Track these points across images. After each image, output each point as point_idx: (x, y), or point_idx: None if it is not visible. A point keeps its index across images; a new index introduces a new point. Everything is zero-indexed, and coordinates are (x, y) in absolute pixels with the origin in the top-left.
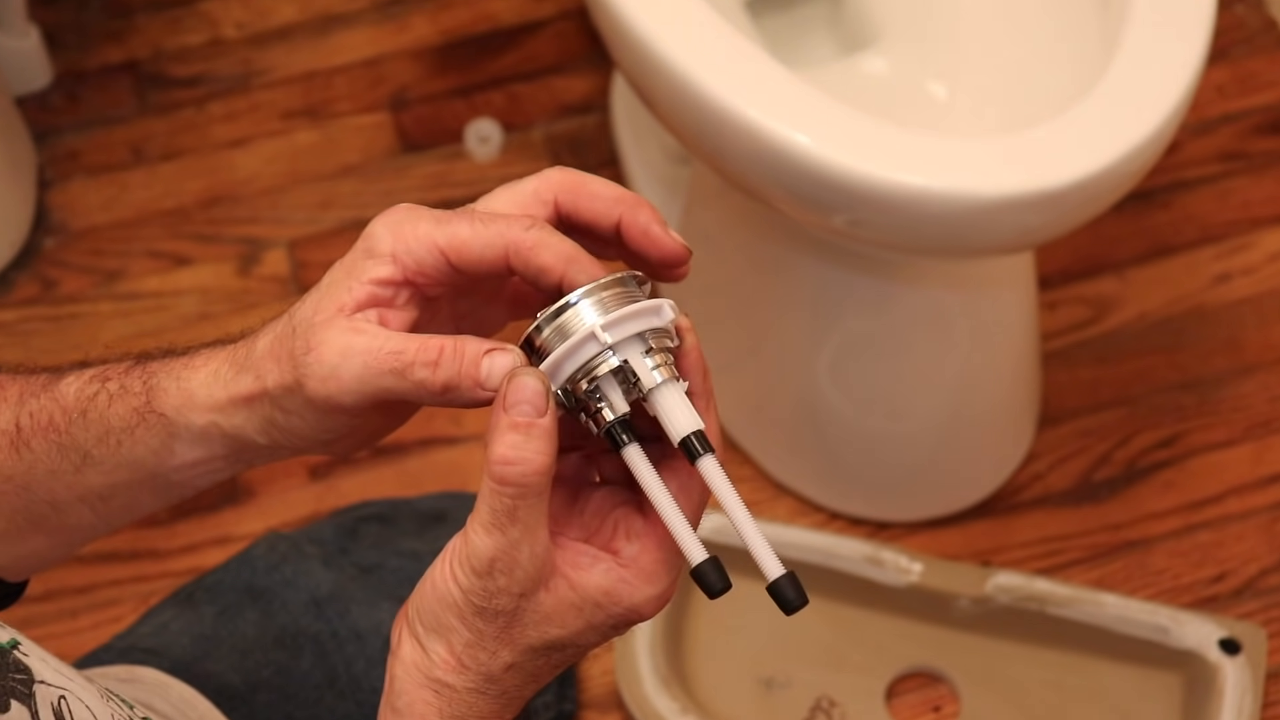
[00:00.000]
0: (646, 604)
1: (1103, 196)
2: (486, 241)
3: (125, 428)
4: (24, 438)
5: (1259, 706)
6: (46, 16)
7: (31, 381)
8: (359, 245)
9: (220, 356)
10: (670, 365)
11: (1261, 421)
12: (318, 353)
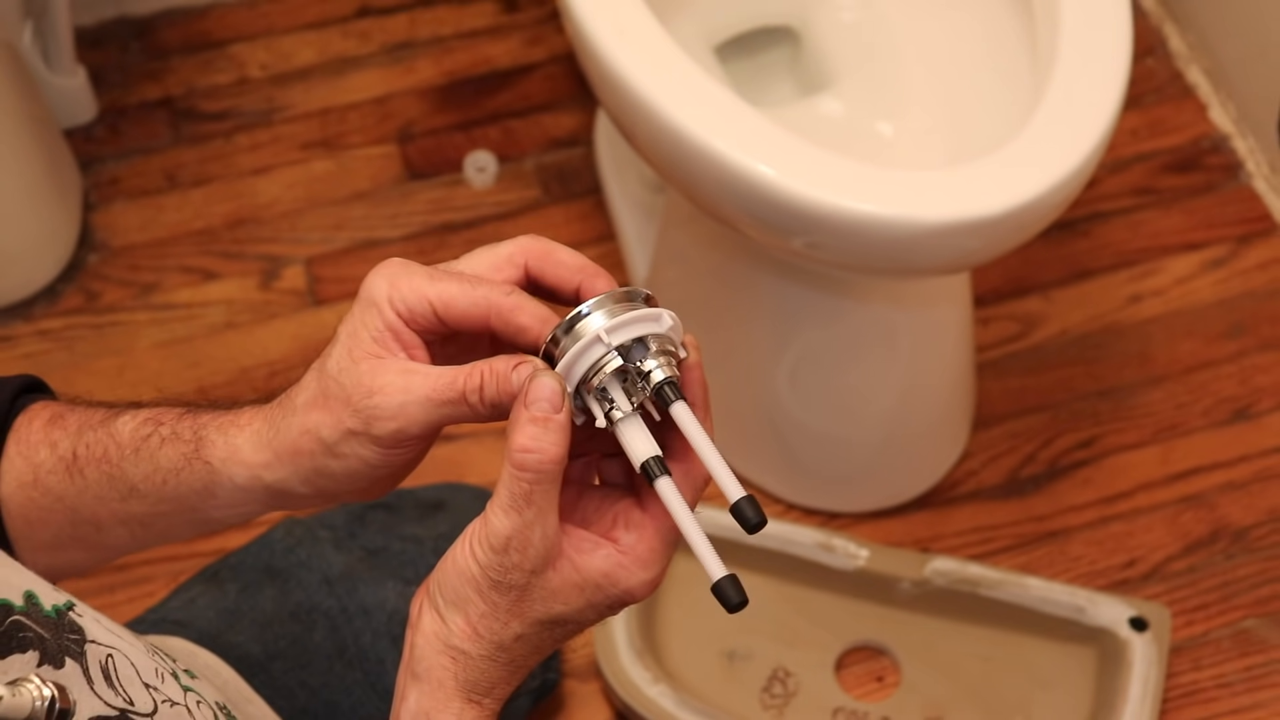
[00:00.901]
0: (640, 587)
1: (1031, 224)
2: (472, 301)
3: (173, 469)
4: (79, 465)
5: (1163, 677)
6: (92, 58)
7: (91, 415)
8: (361, 297)
9: (262, 416)
10: (672, 365)
11: (1168, 426)
12: (383, 394)
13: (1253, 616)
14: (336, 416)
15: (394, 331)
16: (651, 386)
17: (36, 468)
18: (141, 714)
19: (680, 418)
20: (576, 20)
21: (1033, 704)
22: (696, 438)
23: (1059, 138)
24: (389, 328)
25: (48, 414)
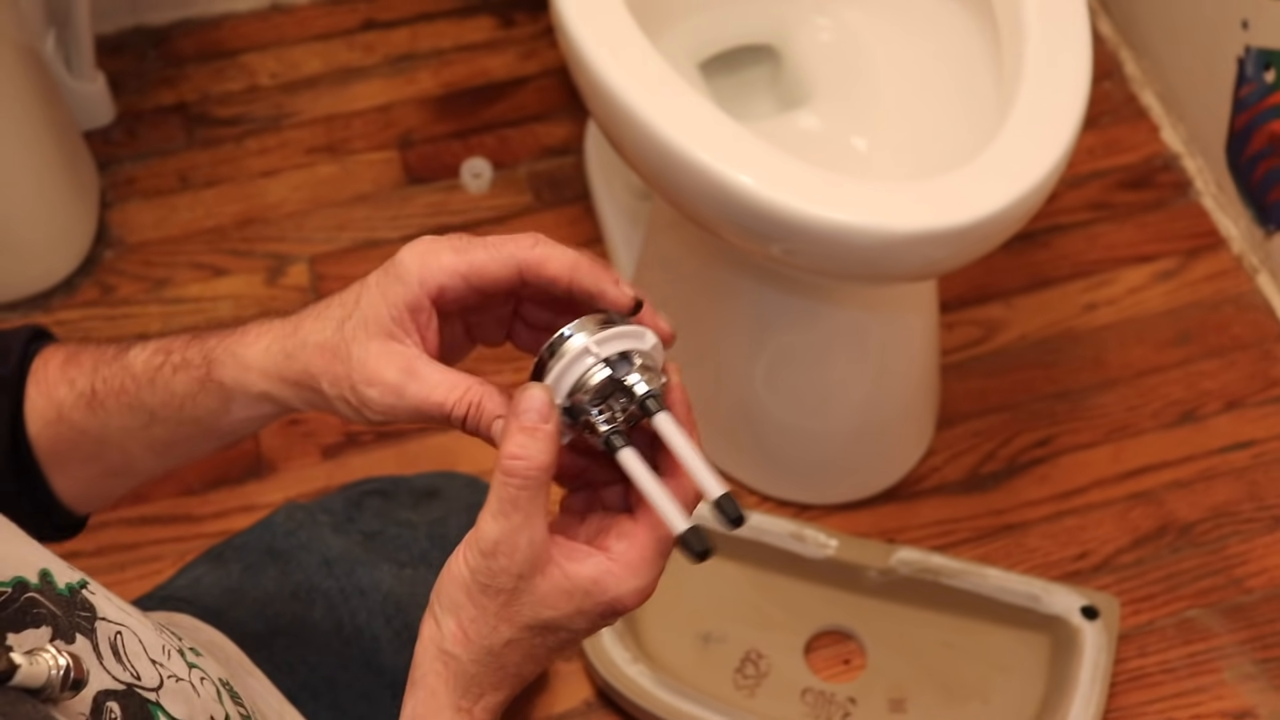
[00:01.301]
0: (629, 595)
1: (996, 235)
2: (501, 262)
3: (187, 394)
4: (99, 399)
5: (1112, 662)
6: (111, 64)
7: (103, 352)
8: (390, 270)
9: (271, 334)
10: (655, 380)
11: (1120, 426)
12: (378, 390)
13: (1196, 607)
14: (335, 379)
15: (413, 310)
16: (636, 399)
17: (59, 405)
18: (147, 688)
19: (662, 427)
20: (570, 36)
21: (990, 687)
22: (678, 443)
23: (1022, 154)
24: (409, 305)
25: (62, 355)
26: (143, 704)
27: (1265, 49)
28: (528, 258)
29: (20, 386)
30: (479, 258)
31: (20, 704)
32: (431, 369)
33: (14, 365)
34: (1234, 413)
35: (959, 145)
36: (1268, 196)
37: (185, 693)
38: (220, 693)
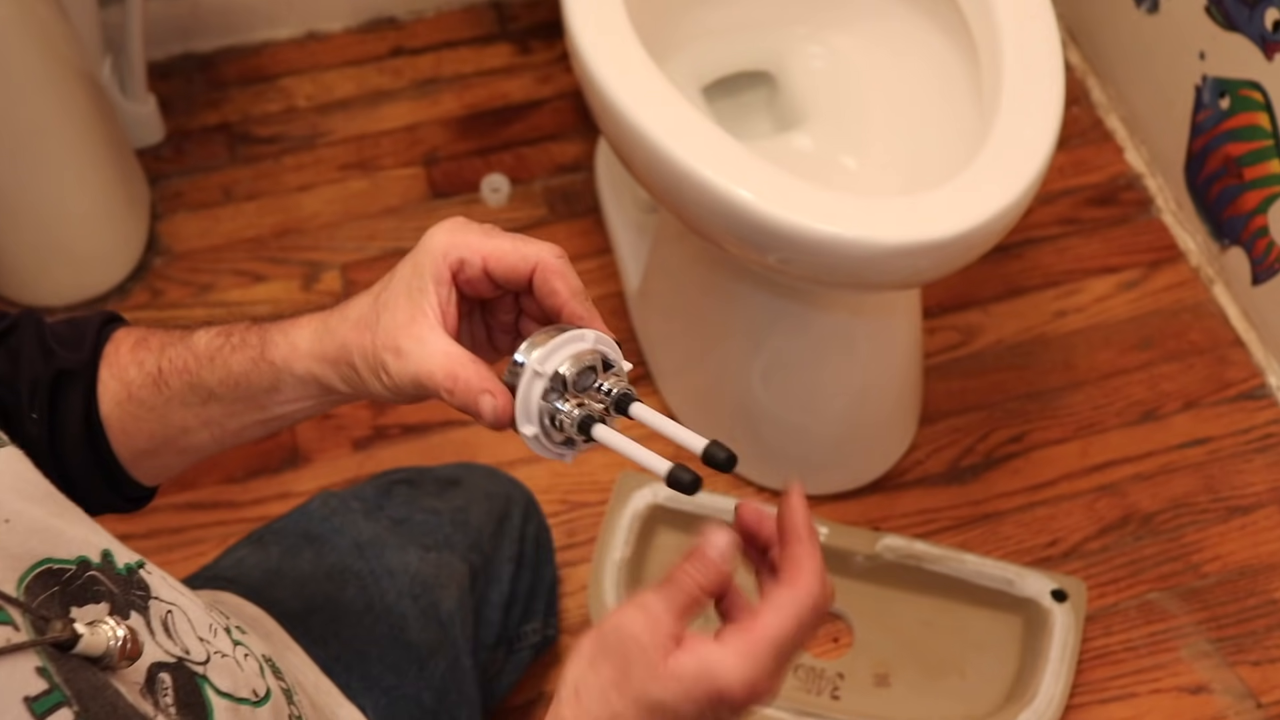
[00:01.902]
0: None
1: (975, 248)
2: (520, 257)
3: (243, 372)
4: (164, 378)
5: (1079, 641)
6: (162, 88)
7: (170, 334)
8: (422, 243)
9: (318, 318)
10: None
11: (1087, 424)
12: (396, 358)
13: (1156, 590)
14: (364, 351)
15: (436, 282)
16: (612, 400)
17: (128, 385)
18: (196, 662)
19: (639, 414)
20: (584, 61)
21: (967, 663)
22: (655, 420)
23: (1000, 173)
24: (434, 276)
25: (132, 339)
26: (191, 676)
27: (1221, 78)
28: (547, 263)
29: (94, 370)
30: (502, 245)
31: (82, 670)
32: (437, 339)
33: (88, 350)
34: (1191, 412)
35: (942, 165)
36: (1222, 214)
37: (230, 667)
38: (263, 668)
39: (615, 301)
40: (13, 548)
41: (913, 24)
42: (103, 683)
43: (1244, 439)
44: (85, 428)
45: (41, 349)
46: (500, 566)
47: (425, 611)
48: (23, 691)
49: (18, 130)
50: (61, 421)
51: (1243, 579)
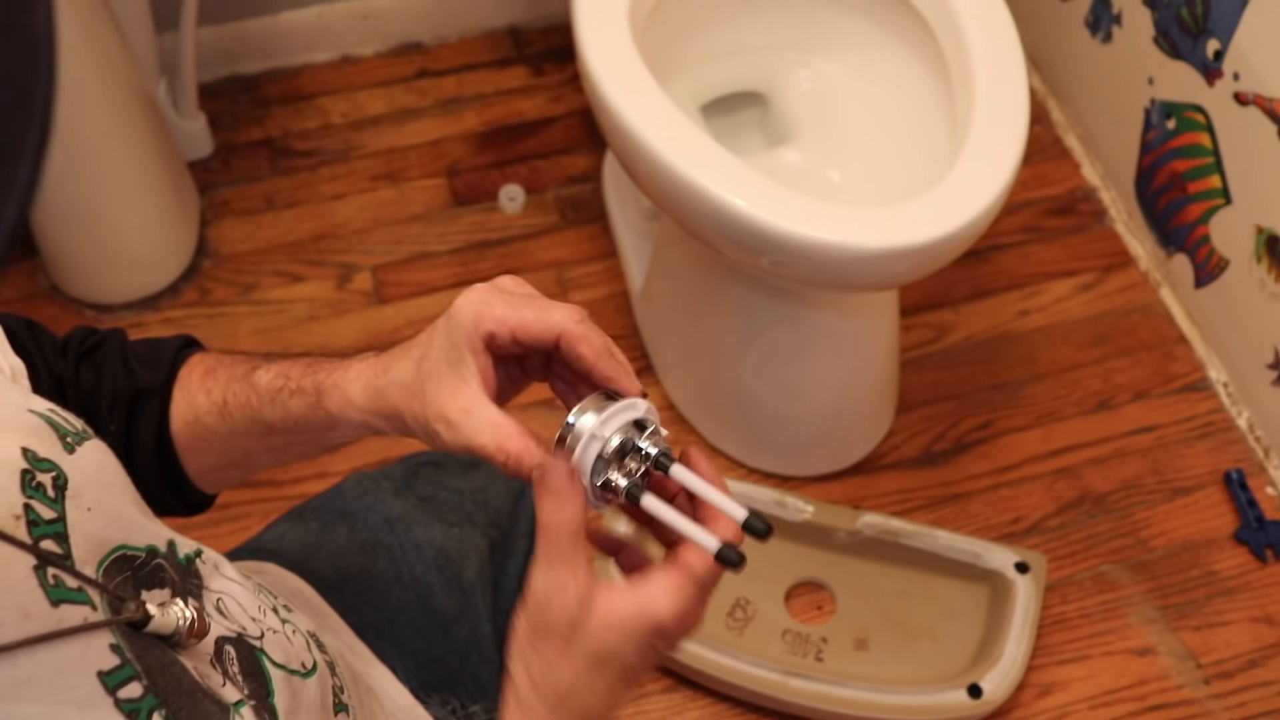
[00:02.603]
0: (671, 618)
1: (949, 253)
2: (545, 327)
3: (300, 415)
4: (228, 409)
5: (1039, 609)
6: (211, 106)
7: (236, 367)
8: (451, 316)
9: (369, 373)
10: (660, 440)
11: (1047, 413)
12: (444, 426)
13: (1108, 563)
14: (415, 415)
15: (472, 352)
16: (651, 459)
17: (196, 410)
18: (253, 637)
19: (678, 475)
20: (594, 82)
21: (939, 629)
22: (695, 483)
23: (971, 187)
24: (469, 347)
25: (203, 368)
26: (250, 649)
27: (1167, 101)
28: (569, 330)
29: (169, 391)
30: (527, 317)
31: (152, 648)
32: (485, 411)
33: (164, 374)
34: (1141, 402)
35: (918, 178)
36: (1169, 224)
37: (281, 642)
38: (309, 643)
39: (620, 301)
40: (95, 533)
41: (892, 52)
42: (170, 659)
43: (1187, 427)
44: (157, 442)
45: (124, 366)
46: (516, 541)
47: (449, 581)
48: (97, 666)
49: (84, 145)
50: (136, 434)
51: (1185, 553)
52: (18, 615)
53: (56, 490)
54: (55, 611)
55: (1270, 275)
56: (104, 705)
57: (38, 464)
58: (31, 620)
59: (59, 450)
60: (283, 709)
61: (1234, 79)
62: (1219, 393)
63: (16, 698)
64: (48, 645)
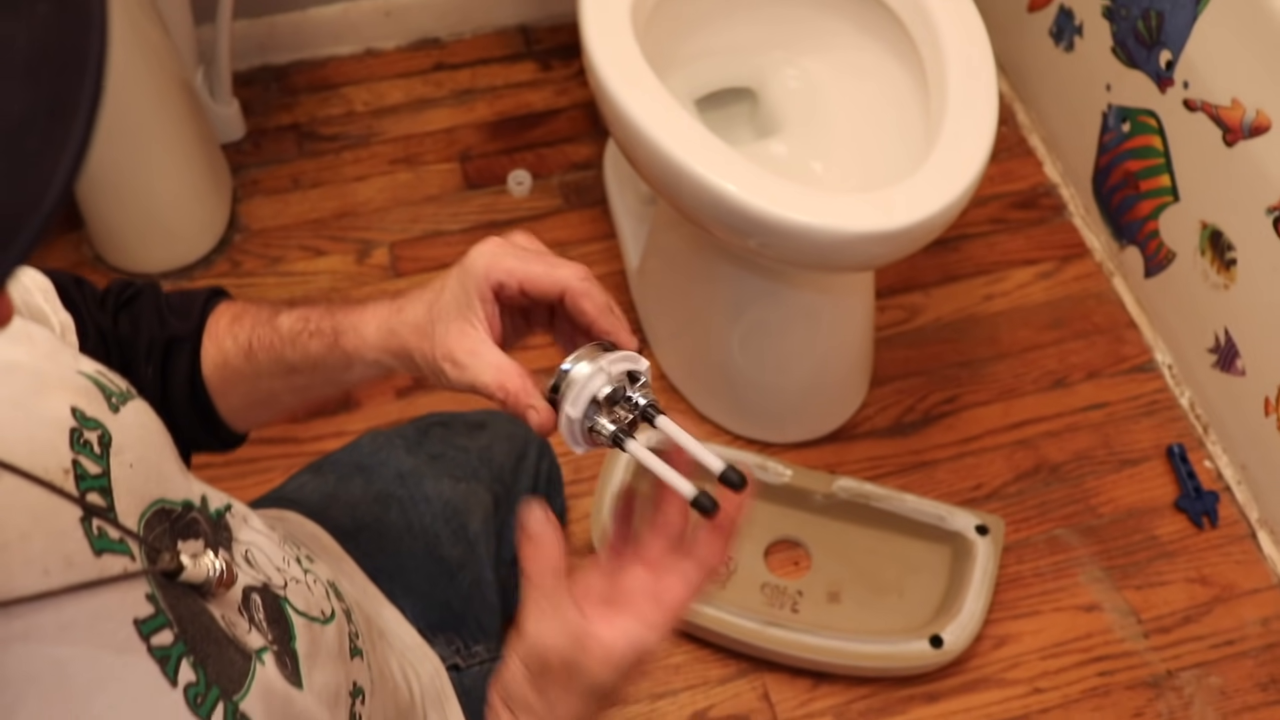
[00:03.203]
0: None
1: (922, 237)
2: (551, 281)
3: (319, 355)
4: (253, 352)
5: (997, 568)
6: (244, 93)
7: (260, 313)
8: (465, 264)
9: (383, 313)
10: (650, 394)
11: (1008, 389)
12: (450, 365)
13: (1060, 527)
14: (424, 354)
15: (481, 299)
16: (639, 409)
17: (225, 354)
18: (276, 586)
19: (664, 426)
20: (598, 76)
21: (905, 583)
22: (678, 434)
23: (943, 177)
24: (479, 295)
25: (229, 315)
26: (275, 598)
27: (1123, 106)
28: (574, 287)
29: (199, 338)
30: (535, 271)
31: (184, 597)
32: (489, 353)
33: (194, 322)
34: (1093, 381)
35: (895, 169)
36: (1122, 219)
37: (303, 591)
38: (329, 591)
39: (618, 279)
40: (136, 488)
41: (873, 53)
42: (200, 608)
43: (1135, 404)
44: (190, 385)
45: (158, 316)
46: (518, 496)
47: (455, 532)
48: (134, 614)
49: (127, 127)
50: (171, 379)
51: (1130, 519)
52: (63, 563)
53: (102, 447)
54: (97, 561)
55: (1213, 267)
56: (138, 651)
57: (85, 422)
58: (75, 568)
59: (105, 410)
60: (303, 654)
61: (1184, 87)
62: (1164, 374)
63: (59, 641)
64: (90, 592)
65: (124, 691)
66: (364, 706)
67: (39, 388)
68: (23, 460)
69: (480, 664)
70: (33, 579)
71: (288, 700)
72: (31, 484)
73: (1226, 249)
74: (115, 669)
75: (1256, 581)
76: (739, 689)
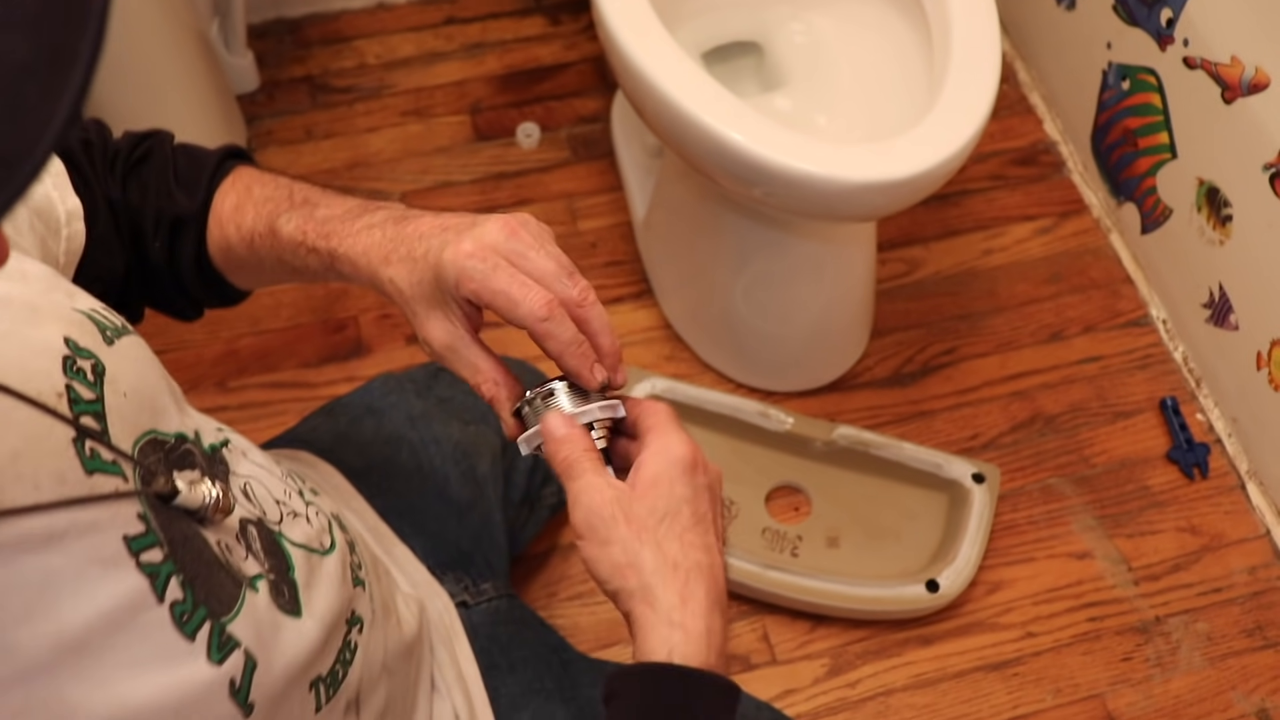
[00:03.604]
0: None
1: (924, 188)
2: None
3: (317, 269)
4: (255, 245)
5: (993, 515)
6: (258, 46)
7: (261, 210)
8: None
9: (372, 253)
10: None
11: (1005, 341)
12: (429, 347)
13: (1054, 476)
14: (406, 315)
15: (458, 303)
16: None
17: (228, 240)
18: (272, 521)
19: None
20: (608, 29)
21: (903, 530)
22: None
23: (945, 130)
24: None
25: (232, 200)
26: (270, 532)
27: (1123, 64)
28: (534, 329)
29: (204, 219)
30: (498, 301)
31: (177, 521)
32: (466, 350)
33: (200, 200)
34: (1089, 335)
35: (897, 124)
36: (1120, 175)
37: (301, 525)
38: (330, 524)
39: (624, 229)
40: (129, 417)
41: (878, 8)
42: (194, 533)
43: (1129, 358)
44: (196, 258)
45: (166, 188)
46: None
47: (464, 473)
48: (124, 530)
49: (144, 78)
50: (178, 255)
51: (1123, 469)
52: (54, 480)
53: (95, 376)
54: (89, 480)
55: (1209, 224)
56: (127, 565)
57: (79, 351)
58: (67, 486)
59: (99, 342)
60: (302, 582)
61: (1184, 45)
62: (1158, 328)
63: (47, 550)
64: (80, 508)
65: (110, 602)
66: (360, 635)
67: (32, 319)
68: (15, 383)
69: (488, 601)
70: (23, 493)
71: (278, 626)
72: (24, 404)
73: (1223, 205)
74: (102, 580)
75: (1244, 531)
76: (739, 630)
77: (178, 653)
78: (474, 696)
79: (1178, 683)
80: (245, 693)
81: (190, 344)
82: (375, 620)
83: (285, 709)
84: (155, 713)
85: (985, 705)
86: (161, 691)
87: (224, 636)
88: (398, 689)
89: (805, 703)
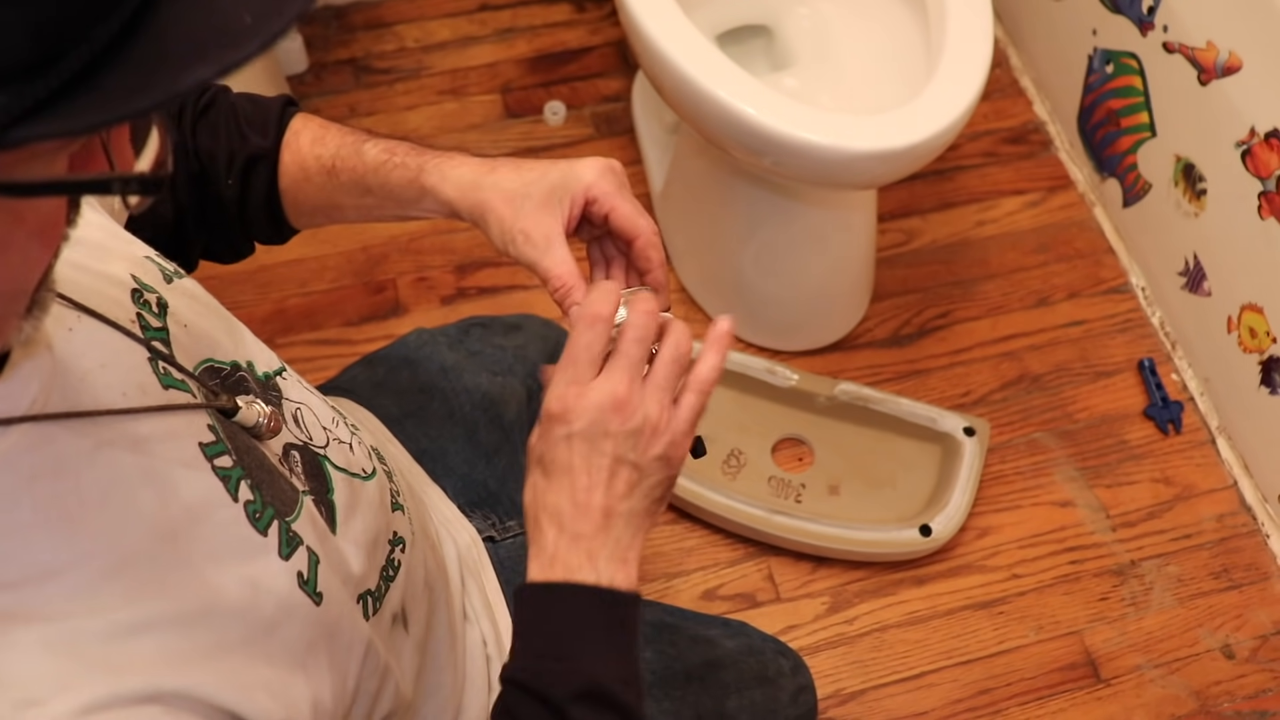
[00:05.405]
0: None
1: (920, 158)
2: (634, 223)
3: (398, 185)
4: (335, 171)
5: (982, 466)
6: (306, 30)
7: (344, 137)
8: (574, 168)
9: (471, 165)
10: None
11: (996, 306)
12: (524, 241)
13: (1040, 431)
14: (502, 220)
15: (573, 204)
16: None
17: (306, 170)
18: (318, 446)
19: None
20: (630, 12)
21: (899, 478)
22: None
23: (940, 105)
24: (571, 197)
25: (310, 133)
26: (314, 456)
27: (1108, 49)
28: (650, 238)
29: (277, 154)
30: (624, 207)
31: (239, 434)
32: (560, 248)
33: (273, 138)
34: (1073, 300)
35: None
36: (1103, 153)
37: (344, 451)
38: (371, 453)
39: (643, 201)
40: (189, 346)
41: None
42: (253, 445)
43: (1110, 322)
44: (267, 196)
45: (237, 128)
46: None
47: (492, 420)
48: (199, 438)
49: None
50: (251, 191)
51: (1103, 424)
52: (138, 391)
53: (159, 308)
54: (165, 393)
55: (1185, 197)
56: (204, 469)
57: (144, 286)
58: (149, 396)
59: (160, 281)
60: (341, 505)
61: (1164, 30)
62: (1138, 295)
63: (139, 451)
64: (161, 416)
65: (193, 498)
66: (404, 554)
67: (104, 257)
68: (97, 308)
69: (514, 537)
70: (114, 399)
71: (324, 535)
72: (106, 325)
73: (1198, 180)
74: (185, 480)
75: (1214, 483)
76: (746, 570)
77: (253, 546)
78: (500, 624)
79: (1150, 620)
80: (314, 584)
81: (242, 304)
82: (415, 541)
83: (346, 610)
84: (238, 599)
85: (973, 641)
86: (242, 580)
87: (290, 534)
88: (440, 606)
89: (807, 637)
